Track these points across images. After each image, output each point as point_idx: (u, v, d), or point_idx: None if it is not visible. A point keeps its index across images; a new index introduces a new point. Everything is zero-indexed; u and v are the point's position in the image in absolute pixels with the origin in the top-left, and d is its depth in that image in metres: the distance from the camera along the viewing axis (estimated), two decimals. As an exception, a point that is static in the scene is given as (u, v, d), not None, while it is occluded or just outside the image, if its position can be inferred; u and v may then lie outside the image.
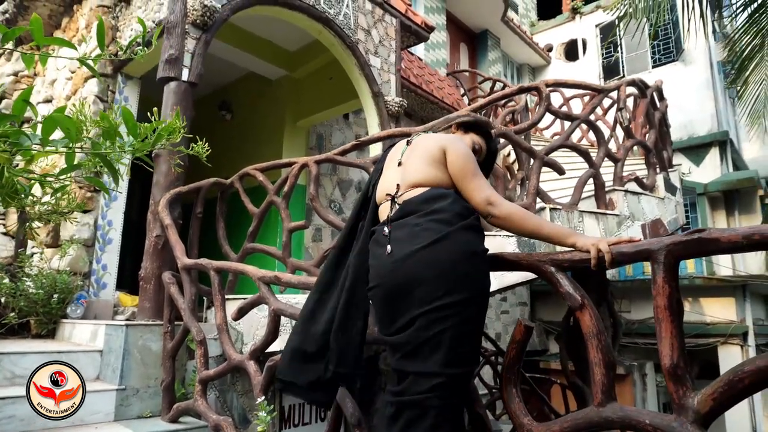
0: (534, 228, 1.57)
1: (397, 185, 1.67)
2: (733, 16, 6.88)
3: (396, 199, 1.64)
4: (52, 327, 4.09)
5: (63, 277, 4.13)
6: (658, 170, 4.71)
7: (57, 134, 1.15)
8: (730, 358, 7.86)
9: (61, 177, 1.14)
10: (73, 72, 5.05)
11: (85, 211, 4.53)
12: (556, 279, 1.54)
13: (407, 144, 1.80)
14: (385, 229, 1.62)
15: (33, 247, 4.87)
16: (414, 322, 1.45)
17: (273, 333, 2.52)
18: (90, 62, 1.25)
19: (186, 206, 3.95)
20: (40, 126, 1.10)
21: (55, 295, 4.05)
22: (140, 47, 1.36)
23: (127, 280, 5.57)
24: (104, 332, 3.36)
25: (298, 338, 1.80)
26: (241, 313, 2.69)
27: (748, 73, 6.91)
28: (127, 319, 4.02)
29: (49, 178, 1.17)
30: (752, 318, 8.03)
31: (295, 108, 6.71)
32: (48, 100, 5.51)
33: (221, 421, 2.66)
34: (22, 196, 1.17)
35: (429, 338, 1.43)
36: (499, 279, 3.12)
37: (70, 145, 1.05)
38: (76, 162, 1.19)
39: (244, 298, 2.90)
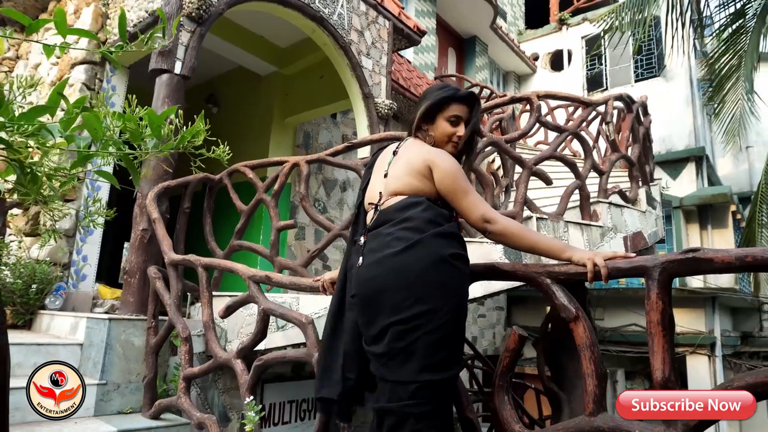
0: (530, 243, 1.60)
1: (380, 193, 1.68)
2: (714, 34, 7.09)
3: (379, 208, 1.65)
4: (29, 318, 4.01)
5: (42, 267, 4.04)
6: (640, 184, 4.83)
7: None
8: (698, 367, 8.10)
9: (72, 171, 1.13)
10: (59, 57, 4.94)
11: (67, 201, 4.44)
12: (552, 291, 1.58)
13: (397, 149, 1.77)
14: (361, 239, 1.64)
15: (11, 234, 4.75)
16: (387, 331, 1.46)
17: (261, 332, 2.52)
18: (101, 54, 1.25)
19: (173, 200, 3.90)
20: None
21: (34, 286, 3.96)
22: (159, 36, 1.35)
23: (105, 272, 5.48)
24: (85, 325, 3.30)
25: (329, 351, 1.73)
26: (229, 311, 2.68)
27: (725, 92, 7.12)
28: (106, 312, 3.96)
29: (59, 172, 1.16)
30: (720, 329, 8.29)
31: (284, 105, 6.66)
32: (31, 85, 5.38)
33: (205, 419, 2.65)
34: (48, 191, 1.16)
35: (402, 348, 1.43)
36: (485, 286, 3.15)
37: (89, 143, 1.04)
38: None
39: (231, 296, 2.89)
